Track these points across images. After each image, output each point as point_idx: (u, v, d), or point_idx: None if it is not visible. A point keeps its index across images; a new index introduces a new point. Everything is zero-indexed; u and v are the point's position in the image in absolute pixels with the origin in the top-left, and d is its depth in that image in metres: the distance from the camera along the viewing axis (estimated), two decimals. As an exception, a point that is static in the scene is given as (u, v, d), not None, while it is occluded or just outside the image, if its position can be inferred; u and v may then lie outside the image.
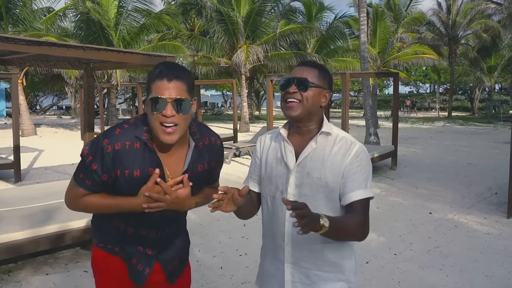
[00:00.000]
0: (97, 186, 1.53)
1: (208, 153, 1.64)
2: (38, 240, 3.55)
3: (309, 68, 1.57)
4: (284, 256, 1.60)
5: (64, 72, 17.97)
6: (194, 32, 21.34)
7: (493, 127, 20.11)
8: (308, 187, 1.54)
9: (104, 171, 1.49)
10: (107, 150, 1.46)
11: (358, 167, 1.52)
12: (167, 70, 1.43)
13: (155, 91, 1.42)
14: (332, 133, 1.58)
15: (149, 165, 1.51)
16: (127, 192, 1.52)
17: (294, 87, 1.53)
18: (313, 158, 1.55)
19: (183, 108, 1.43)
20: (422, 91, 50.39)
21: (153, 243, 1.66)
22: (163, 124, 1.42)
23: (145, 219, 1.58)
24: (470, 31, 26.97)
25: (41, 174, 8.55)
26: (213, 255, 4.30)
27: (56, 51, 3.51)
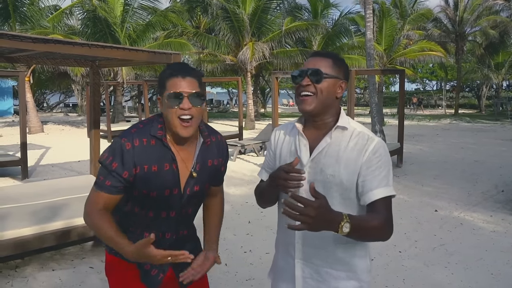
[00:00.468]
0: (117, 186, 1.54)
1: (216, 150, 1.71)
2: (44, 236, 3.59)
3: (322, 58, 1.51)
4: (295, 252, 1.59)
5: (70, 70, 18.07)
6: (200, 29, 21.35)
7: (500, 124, 19.96)
8: (321, 184, 1.47)
9: (125, 168, 1.53)
10: (126, 147, 1.52)
11: (377, 163, 1.45)
12: (179, 68, 1.55)
13: (171, 87, 1.51)
14: (349, 127, 1.51)
15: (164, 160, 1.57)
16: (142, 188, 1.56)
17: (307, 79, 1.47)
18: (328, 153, 1.49)
19: (198, 101, 1.53)
20: (428, 88, 50.11)
21: (168, 247, 1.63)
22: (180, 117, 1.51)
23: (164, 221, 1.64)
24: (477, 28, 26.72)
25: (47, 171, 8.61)
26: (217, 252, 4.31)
27: (62, 48, 3.53)
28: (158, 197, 1.59)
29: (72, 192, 4.68)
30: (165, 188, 1.58)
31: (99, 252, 4.20)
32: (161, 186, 1.58)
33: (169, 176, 1.58)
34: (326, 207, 1.25)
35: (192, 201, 1.69)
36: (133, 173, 1.54)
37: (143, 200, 1.61)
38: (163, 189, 1.58)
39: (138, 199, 1.61)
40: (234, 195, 6.66)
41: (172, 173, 1.59)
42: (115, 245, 1.51)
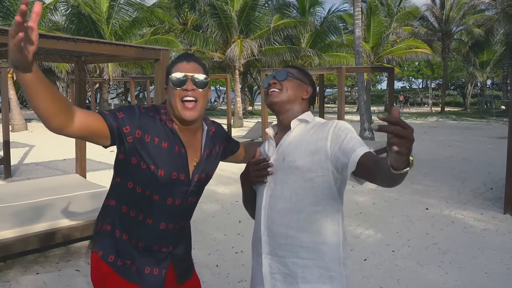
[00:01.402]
0: (111, 119, 1.40)
1: (219, 137, 1.74)
2: (27, 239, 3.44)
3: (289, 67, 1.67)
4: (262, 247, 1.53)
5: (55, 66, 17.71)
6: (187, 26, 21.12)
7: (486, 122, 20.20)
8: (282, 172, 1.51)
9: (129, 123, 1.44)
10: (140, 109, 1.50)
11: (346, 135, 1.41)
12: (184, 55, 1.59)
13: (175, 71, 1.52)
14: (311, 120, 1.57)
15: (174, 142, 1.53)
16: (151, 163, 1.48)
17: (274, 79, 1.60)
18: (290, 144, 1.53)
19: (202, 84, 1.53)
20: (414, 86, 50.59)
21: (169, 238, 1.62)
22: (183, 99, 1.50)
23: (168, 208, 1.57)
24: (463, 26, 27.03)
25: (31, 170, 8.40)
26: (208, 252, 4.22)
27: (46, 43, 3.38)
28: (165, 177, 1.51)
29: (57, 192, 4.52)
30: (173, 170, 1.53)
31: (85, 254, 4.06)
32: (170, 166, 1.52)
33: (178, 159, 1.54)
34: None
35: (198, 189, 1.66)
36: (135, 135, 1.44)
37: (147, 178, 1.50)
38: (171, 170, 1.52)
39: (139, 176, 1.50)
40: (224, 194, 6.56)
41: (180, 156, 1.55)
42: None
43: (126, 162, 1.50)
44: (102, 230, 1.61)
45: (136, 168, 1.49)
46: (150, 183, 1.51)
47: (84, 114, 1.32)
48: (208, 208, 5.71)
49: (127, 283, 1.55)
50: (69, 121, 1.26)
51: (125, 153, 1.48)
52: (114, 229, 1.57)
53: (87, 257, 4.00)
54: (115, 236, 1.57)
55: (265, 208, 1.53)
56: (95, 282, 1.62)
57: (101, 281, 1.59)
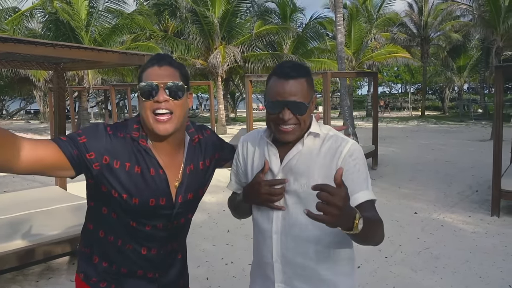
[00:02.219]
0: (70, 147, 1.21)
1: (207, 148, 1.50)
2: (4, 257, 3.23)
3: (297, 81, 1.34)
4: (274, 274, 1.42)
5: (32, 75, 17.26)
6: (168, 33, 20.93)
7: (465, 125, 20.55)
8: (295, 194, 1.37)
9: (93, 149, 1.24)
10: (108, 131, 1.29)
11: (354, 167, 1.35)
12: (158, 57, 1.33)
13: (146, 78, 1.28)
14: (321, 133, 1.41)
15: (149, 164, 1.32)
16: (122, 191, 1.30)
17: (289, 112, 1.33)
18: (299, 161, 1.38)
19: (177, 94, 1.29)
20: (394, 91, 51.35)
21: (154, 264, 1.43)
22: (156, 112, 1.27)
23: (149, 234, 1.39)
24: (441, 32, 27.57)
25: (8, 183, 8.09)
26: (197, 264, 4.07)
27: (23, 48, 3.21)
28: (141, 206, 1.32)
29: (36, 206, 4.31)
30: (150, 196, 1.33)
31: (66, 271, 3.86)
32: (145, 192, 1.32)
33: (155, 183, 1.33)
34: (349, 198, 1.11)
35: (185, 210, 1.45)
36: (102, 162, 1.25)
37: (121, 207, 1.33)
38: (148, 197, 1.32)
39: (113, 204, 1.33)
40: (210, 203, 6.41)
41: (158, 179, 1.34)
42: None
43: (96, 188, 1.33)
44: (82, 252, 1.47)
45: (108, 195, 1.32)
46: (125, 211, 1.34)
47: (32, 146, 1.12)
48: (195, 218, 5.48)
49: None
50: (13, 157, 1.06)
51: (93, 179, 1.30)
52: (92, 254, 1.43)
53: (68, 273, 3.80)
54: (94, 262, 1.42)
55: (277, 233, 1.41)
56: None
57: None
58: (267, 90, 1.39)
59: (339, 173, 1.08)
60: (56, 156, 1.17)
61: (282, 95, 1.33)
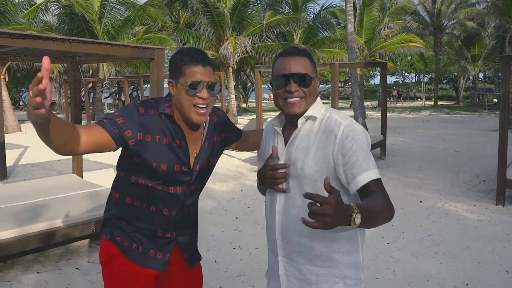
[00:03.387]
0: (112, 128, 1.47)
1: (221, 126, 1.77)
2: (27, 239, 3.47)
3: (300, 57, 1.48)
4: (277, 249, 1.56)
5: (47, 67, 17.61)
6: (180, 24, 21.08)
7: (478, 115, 20.37)
8: (294, 178, 1.48)
9: (130, 127, 1.50)
10: (140, 110, 1.53)
11: (351, 148, 1.39)
12: (198, 55, 1.54)
13: (191, 75, 1.51)
14: (318, 116, 1.48)
15: (175, 136, 1.59)
16: (152, 160, 1.55)
17: (295, 85, 1.44)
18: (298, 147, 1.48)
19: (214, 91, 1.57)
20: (407, 80, 50.81)
21: (173, 224, 1.67)
22: (197, 106, 1.54)
23: (171, 197, 1.64)
24: (455, 20, 27.16)
25: (27, 171, 8.39)
26: (206, 248, 4.27)
27: (41, 44, 3.41)
28: (168, 171, 1.58)
29: (54, 192, 4.55)
30: (175, 163, 1.59)
31: (85, 253, 4.10)
32: (172, 160, 1.58)
33: (179, 152, 1.60)
34: (340, 203, 1.17)
35: (200, 178, 1.71)
36: (137, 137, 1.51)
37: (150, 173, 1.59)
38: (173, 164, 1.59)
39: (143, 171, 1.59)
40: (220, 191, 6.61)
41: (181, 149, 1.61)
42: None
43: (129, 160, 1.59)
44: (107, 219, 1.71)
45: (139, 164, 1.57)
46: (152, 177, 1.59)
47: (87, 132, 1.42)
48: (205, 205, 5.76)
49: (131, 263, 1.62)
50: (77, 144, 1.37)
51: (129, 152, 1.56)
52: (118, 219, 1.66)
53: (86, 255, 4.04)
54: (121, 224, 1.65)
55: (279, 213, 1.53)
56: (103, 263, 1.71)
57: (108, 261, 1.68)
58: (274, 70, 1.52)
59: (327, 182, 1.15)
60: (104, 137, 1.46)
61: (288, 69, 1.46)
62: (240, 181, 7.29)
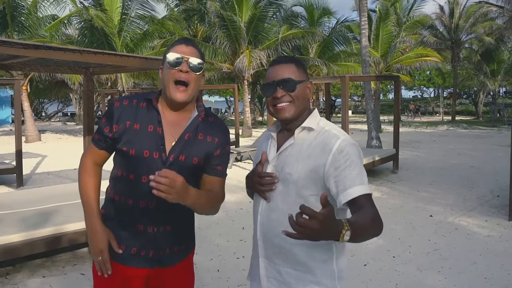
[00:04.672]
0: (101, 140, 1.62)
1: (211, 128, 1.67)
2: (34, 243, 3.56)
3: (285, 64, 1.54)
4: (258, 250, 1.58)
5: (68, 78, 18.11)
6: (197, 38, 21.44)
7: (497, 130, 19.99)
8: (281, 182, 1.51)
9: (107, 124, 1.60)
10: (115, 105, 1.62)
11: (345, 163, 1.41)
12: (185, 39, 1.63)
13: (173, 51, 1.56)
14: (316, 128, 1.51)
15: (149, 122, 1.59)
16: (122, 145, 1.58)
17: (281, 90, 1.49)
18: (290, 153, 1.51)
19: (196, 68, 1.57)
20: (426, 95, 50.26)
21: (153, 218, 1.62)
22: (176, 81, 1.54)
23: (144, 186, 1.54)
24: (473, 35, 26.89)
25: (43, 179, 8.59)
26: (210, 258, 4.29)
27: (53, 54, 3.54)
28: (137, 156, 1.57)
29: (64, 199, 4.66)
30: (145, 148, 1.57)
31: (90, 259, 4.17)
32: (141, 145, 1.57)
33: (151, 138, 1.58)
34: (331, 219, 1.16)
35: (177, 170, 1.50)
36: (113, 130, 1.59)
37: (124, 161, 1.61)
38: (142, 149, 1.57)
39: (119, 159, 1.64)
40: (229, 201, 6.64)
41: (154, 135, 1.58)
42: (89, 214, 1.62)
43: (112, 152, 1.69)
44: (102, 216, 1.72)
45: (116, 153, 1.65)
46: (125, 164, 1.61)
47: (98, 162, 1.69)
48: (212, 216, 5.79)
49: (113, 263, 1.63)
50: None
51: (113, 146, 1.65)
52: (108, 216, 1.68)
53: (91, 261, 4.11)
54: (108, 222, 1.66)
55: (262, 215, 1.56)
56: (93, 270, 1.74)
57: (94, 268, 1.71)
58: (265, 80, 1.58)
59: (324, 196, 1.14)
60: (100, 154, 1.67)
61: (273, 77, 1.52)
62: (249, 192, 7.31)
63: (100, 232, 1.59)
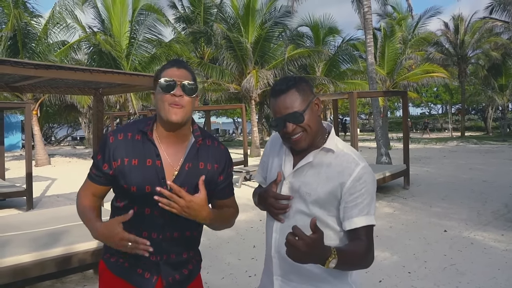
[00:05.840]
0: (100, 176, 1.60)
1: (211, 154, 1.64)
2: (44, 263, 3.53)
3: (286, 94, 1.47)
4: (273, 267, 1.55)
5: (77, 101, 18.35)
6: (204, 59, 21.72)
7: (508, 145, 19.76)
8: (296, 201, 1.50)
9: (105, 161, 1.57)
10: (110, 140, 1.57)
11: (360, 191, 1.43)
12: (176, 61, 1.60)
13: (165, 76, 1.53)
14: (336, 150, 1.50)
15: (147, 155, 1.56)
16: (123, 183, 1.55)
17: (291, 124, 1.46)
18: (308, 173, 1.49)
19: (190, 91, 1.54)
20: (434, 112, 50.09)
21: (156, 248, 1.56)
22: (172, 105, 1.52)
23: (148, 218, 1.57)
24: (479, 50, 26.92)
25: (53, 202, 8.60)
26: (221, 276, 4.22)
27: (63, 74, 3.58)
28: (139, 192, 1.54)
29: (73, 220, 4.63)
30: (146, 184, 1.54)
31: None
32: (142, 181, 1.54)
33: (151, 172, 1.55)
34: (319, 244, 1.24)
35: None
36: (112, 167, 1.56)
37: (125, 195, 1.59)
38: (144, 184, 1.54)
39: (121, 193, 1.60)
40: (239, 220, 6.52)
41: (154, 169, 1.55)
42: (91, 225, 1.55)
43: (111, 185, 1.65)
44: None
45: (117, 188, 1.62)
46: (127, 198, 1.59)
47: (99, 195, 1.67)
48: (223, 234, 5.73)
49: (117, 279, 1.62)
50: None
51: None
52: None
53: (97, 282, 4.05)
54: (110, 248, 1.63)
55: (277, 231, 1.54)
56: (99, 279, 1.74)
57: (100, 278, 1.71)
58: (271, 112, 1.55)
59: (313, 222, 1.23)
60: (99, 189, 1.65)
61: (279, 111, 1.48)
62: (259, 211, 7.16)
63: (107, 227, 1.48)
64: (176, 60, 1.61)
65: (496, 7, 19.51)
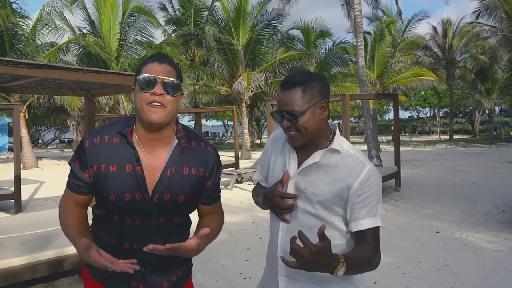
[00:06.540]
0: (79, 185, 1.46)
1: (196, 157, 1.50)
2: (35, 266, 3.45)
3: (291, 90, 1.42)
4: (278, 267, 1.53)
5: (67, 104, 18.15)
6: (195, 62, 21.66)
7: (495, 147, 20.04)
8: (303, 201, 1.47)
9: (83, 167, 1.44)
10: (86, 145, 1.43)
11: (368, 192, 1.41)
12: (159, 55, 1.44)
13: (146, 71, 1.38)
14: (342, 150, 1.47)
15: (126, 161, 1.42)
16: (101, 190, 1.44)
17: (286, 121, 1.43)
18: (315, 172, 1.46)
19: (173, 89, 1.39)
20: (422, 115, 50.63)
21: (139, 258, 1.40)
22: (150, 103, 1.37)
23: (130, 229, 1.46)
24: (467, 54, 27.30)
25: (41, 205, 8.46)
26: (216, 279, 4.18)
27: (57, 74, 3.53)
28: (118, 201, 1.42)
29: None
30: (125, 192, 1.41)
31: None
32: (120, 189, 1.41)
33: (131, 179, 1.41)
34: (325, 253, 1.21)
35: (164, 210, 1.47)
36: (91, 173, 1.43)
37: (104, 203, 1.46)
38: (123, 193, 1.41)
39: (100, 201, 1.48)
40: (232, 223, 6.53)
41: (134, 175, 1.41)
42: (74, 244, 1.40)
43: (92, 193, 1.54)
44: None
45: (96, 196, 1.50)
46: (107, 206, 1.47)
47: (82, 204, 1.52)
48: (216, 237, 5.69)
49: (99, 285, 1.53)
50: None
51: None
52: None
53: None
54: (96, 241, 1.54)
55: (283, 230, 1.52)
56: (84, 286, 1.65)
57: (84, 284, 1.62)
58: None
59: (321, 230, 1.19)
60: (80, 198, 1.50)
61: (279, 104, 1.45)
62: (252, 213, 7.21)
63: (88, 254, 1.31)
64: (159, 54, 1.45)
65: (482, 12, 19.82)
